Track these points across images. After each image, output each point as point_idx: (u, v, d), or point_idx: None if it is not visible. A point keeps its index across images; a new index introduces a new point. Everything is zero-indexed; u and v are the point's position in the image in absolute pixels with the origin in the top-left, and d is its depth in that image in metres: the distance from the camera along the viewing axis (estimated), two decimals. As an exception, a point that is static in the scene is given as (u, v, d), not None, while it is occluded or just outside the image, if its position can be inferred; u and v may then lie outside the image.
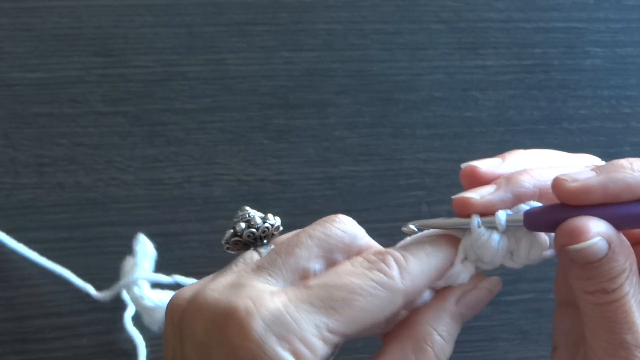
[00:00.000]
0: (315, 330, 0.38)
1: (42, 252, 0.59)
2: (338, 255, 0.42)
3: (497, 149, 0.65)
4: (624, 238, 0.40)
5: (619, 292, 0.39)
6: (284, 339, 0.38)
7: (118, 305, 0.58)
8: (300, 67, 0.66)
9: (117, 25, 0.65)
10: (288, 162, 0.63)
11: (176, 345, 0.41)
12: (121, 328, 0.57)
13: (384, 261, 0.40)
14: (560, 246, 0.39)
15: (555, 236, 0.40)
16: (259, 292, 0.39)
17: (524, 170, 0.43)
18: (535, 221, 0.41)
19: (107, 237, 0.60)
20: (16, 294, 0.58)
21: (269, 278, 0.40)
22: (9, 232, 0.59)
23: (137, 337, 0.57)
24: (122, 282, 0.57)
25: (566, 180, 0.40)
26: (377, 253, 0.41)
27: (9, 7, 0.64)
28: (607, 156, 0.65)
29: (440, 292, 0.42)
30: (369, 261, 0.40)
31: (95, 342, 0.57)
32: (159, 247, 0.59)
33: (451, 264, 0.42)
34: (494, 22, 0.69)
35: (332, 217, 0.43)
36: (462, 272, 0.42)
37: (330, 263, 0.41)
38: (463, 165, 0.44)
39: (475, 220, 0.41)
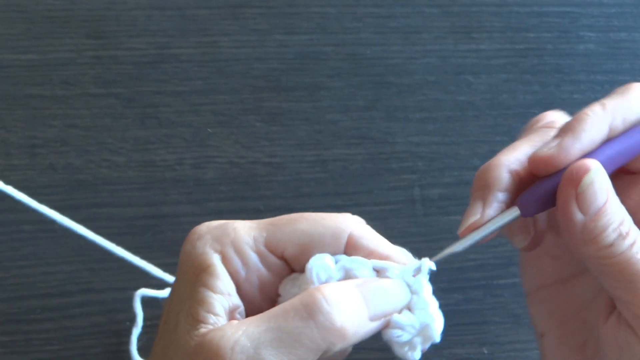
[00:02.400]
0: (251, 241, 0.39)
1: (33, 233, 0.59)
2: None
3: (490, 133, 0.65)
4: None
5: (635, 232, 0.40)
6: (217, 241, 0.39)
7: (109, 286, 0.58)
8: (293, 50, 0.66)
9: (109, 7, 0.65)
10: (280, 145, 0.63)
11: None
12: (113, 309, 0.57)
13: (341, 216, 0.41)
14: (570, 197, 0.39)
15: (561, 187, 0.40)
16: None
17: (489, 165, 0.43)
18: (531, 202, 0.41)
19: (99, 219, 0.60)
20: (7, 275, 0.58)
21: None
22: (0, 213, 0.59)
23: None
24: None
25: (541, 150, 0.41)
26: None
27: (1, -11, 0.64)
28: (600, 141, 0.66)
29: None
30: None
31: (86, 323, 0.57)
32: (150, 229, 0.59)
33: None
34: (487, 6, 0.68)
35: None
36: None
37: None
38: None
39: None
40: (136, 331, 0.56)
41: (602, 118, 0.41)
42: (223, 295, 0.38)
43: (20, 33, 0.64)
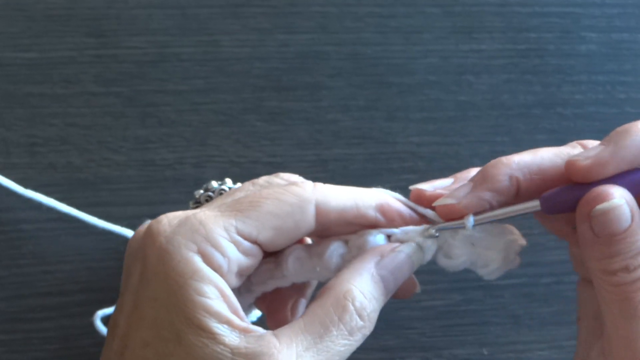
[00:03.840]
0: (223, 232, 0.39)
1: (33, 232, 0.59)
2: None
3: (490, 133, 0.65)
4: None
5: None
6: (190, 240, 0.38)
7: (109, 285, 0.58)
8: (293, 50, 0.66)
9: (110, 6, 0.65)
10: (280, 145, 0.63)
11: None
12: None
13: (300, 181, 0.42)
14: (585, 217, 0.39)
15: (580, 207, 0.39)
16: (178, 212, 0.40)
17: (499, 161, 0.43)
18: (554, 202, 0.40)
19: (99, 218, 0.60)
20: (6, 274, 0.58)
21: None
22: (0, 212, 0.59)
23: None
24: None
25: (578, 159, 0.39)
26: None
27: (2, -13, 0.64)
28: (601, 141, 0.66)
29: (359, 255, 0.42)
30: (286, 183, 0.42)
31: (86, 323, 0.57)
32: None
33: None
34: (489, 6, 0.68)
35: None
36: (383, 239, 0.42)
37: None
38: (411, 187, 0.44)
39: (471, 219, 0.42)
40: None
41: None
42: (222, 299, 0.38)
43: (21, 31, 0.63)
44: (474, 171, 0.44)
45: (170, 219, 0.39)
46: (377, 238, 0.42)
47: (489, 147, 0.65)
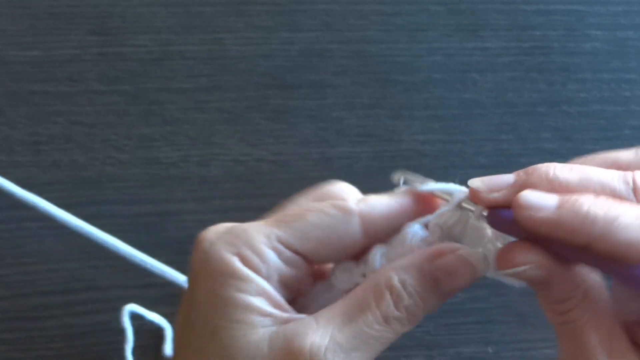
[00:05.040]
0: (264, 239, 0.40)
1: (36, 230, 0.59)
2: None
3: (495, 131, 0.65)
4: (572, 268, 0.39)
5: (569, 316, 0.39)
6: (231, 244, 0.39)
7: (113, 283, 0.58)
8: (298, 48, 0.65)
9: (114, 3, 0.65)
10: (285, 143, 0.63)
11: None
12: (117, 307, 0.57)
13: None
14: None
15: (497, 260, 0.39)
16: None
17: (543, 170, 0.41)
18: (494, 218, 0.40)
19: (103, 216, 0.60)
20: (10, 272, 0.58)
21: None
22: (4, 210, 0.59)
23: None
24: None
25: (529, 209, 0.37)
26: None
27: (5, -15, 0.64)
28: (606, 139, 0.66)
29: (404, 249, 0.42)
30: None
31: (90, 321, 0.57)
32: (154, 227, 0.59)
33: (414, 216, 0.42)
34: (493, 4, 0.68)
35: (331, 182, 0.45)
36: (421, 232, 0.42)
37: None
38: (470, 183, 0.42)
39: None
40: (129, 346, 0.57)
41: None
42: (262, 296, 0.39)
43: (25, 29, 0.63)
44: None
45: (217, 228, 0.41)
46: (415, 228, 0.42)
47: (493, 145, 0.65)
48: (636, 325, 0.40)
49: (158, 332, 0.57)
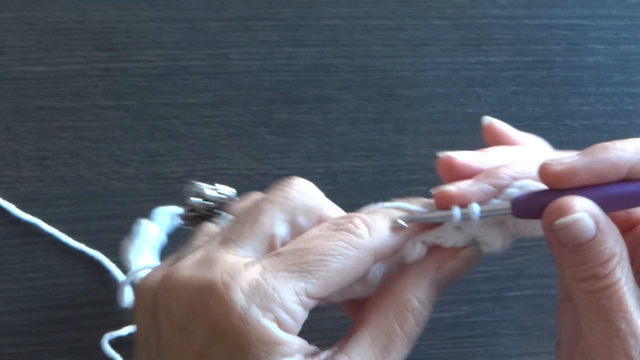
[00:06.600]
0: (294, 297, 0.39)
1: (43, 245, 0.59)
2: (301, 217, 0.42)
3: (499, 145, 0.65)
4: (612, 222, 0.40)
5: (611, 278, 0.39)
6: (265, 309, 0.38)
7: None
8: (302, 63, 0.66)
9: (120, 19, 0.65)
10: (290, 157, 0.63)
11: (150, 327, 0.41)
12: (122, 322, 0.57)
13: (351, 222, 0.41)
14: (549, 227, 0.40)
15: (543, 217, 0.40)
16: (233, 264, 0.39)
17: (504, 165, 0.43)
18: (523, 207, 0.41)
19: (109, 231, 0.60)
20: (16, 287, 0.58)
21: (238, 249, 0.41)
22: (9, 225, 0.59)
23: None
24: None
25: (552, 164, 0.40)
26: (344, 217, 0.42)
27: (12, 1, 0.64)
28: (609, 153, 0.66)
29: (420, 260, 0.43)
30: (336, 224, 0.41)
31: (96, 336, 0.57)
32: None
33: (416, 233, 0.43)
34: (497, 19, 0.68)
35: (289, 180, 0.44)
36: (421, 248, 0.43)
37: (294, 227, 0.42)
38: (440, 154, 0.44)
39: (456, 211, 0.42)
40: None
41: (623, 157, 0.40)
42: (300, 355, 0.39)
43: (31, 45, 0.64)
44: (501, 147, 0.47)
45: (242, 286, 0.38)
46: (416, 248, 0.43)
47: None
48: None
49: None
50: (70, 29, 0.64)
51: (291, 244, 0.41)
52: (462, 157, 0.44)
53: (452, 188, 0.43)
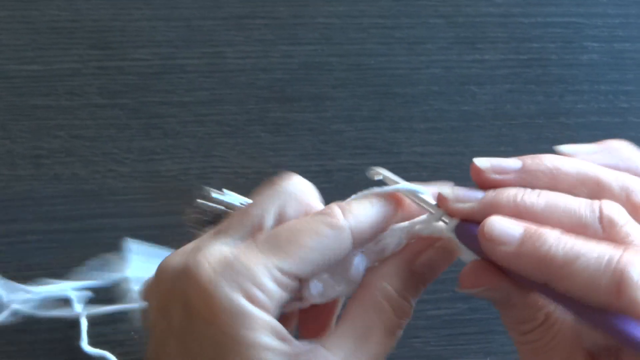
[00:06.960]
0: (266, 272, 0.39)
1: (39, 243, 0.59)
2: (290, 211, 0.42)
3: (494, 143, 0.65)
4: (533, 293, 0.40)
5: (530, 337, 0.40)
6: (235, 282, 0.39)
7: (117, 295, 0.58)
8: (297, 61, 0.66)
9: (115, 18, 0.65)
10: (285, 155, 0.63)
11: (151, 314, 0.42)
12: (118, 319, 0.57)
13: (327, 208, 0.42)
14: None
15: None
16: (212, 249, 0.40)
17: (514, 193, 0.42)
18: (464, 234, 0.41)
19: (104, 229, 0.60)
20: (12, 285, 0.58)
21: (227, 239, 0.41)
22: (5, 223, 0.59)
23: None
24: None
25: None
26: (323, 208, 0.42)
27: None
28: (604, 151, 0.66)
29: (398, 251, 0.43)
30: (313, 212, 0.42)
31: (92, 333, 0.57)
32: (155, 239, 0.59)
33: (394, 220, 0.43)
34: (492, 17, 0.69)
35: (285, 175, 0.44)
36: (397, 237, 0.42)
37: (283, 219, 0.42)
38: (476, 162, 0.43)
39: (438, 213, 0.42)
40: None
41: None
42: (272, 333, 0.39)
43: (26, 44, 0.64)
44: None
45: (211, 263, 0.39)
46: (395, 235, 0.42)
47: (492, 156, 0.65)
48: (600, 355, 0.40)
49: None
50: (65, 27, 0.64)
51: (269, 230, 0.41)
52: (495, 170, 0.43)
53: (449, 195, 0.42)
